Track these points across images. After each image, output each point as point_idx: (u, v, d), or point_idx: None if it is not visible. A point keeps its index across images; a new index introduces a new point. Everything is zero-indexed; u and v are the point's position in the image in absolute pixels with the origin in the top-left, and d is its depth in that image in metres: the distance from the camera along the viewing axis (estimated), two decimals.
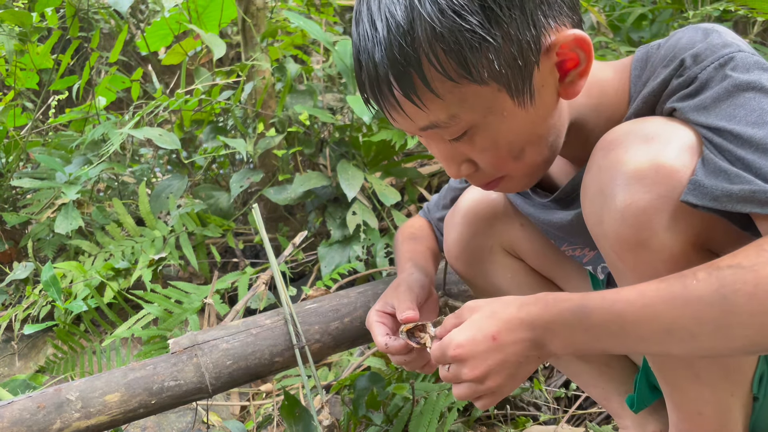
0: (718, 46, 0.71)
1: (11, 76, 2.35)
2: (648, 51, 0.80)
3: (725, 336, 0.61)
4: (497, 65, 0.70)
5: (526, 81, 0.73)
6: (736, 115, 0.66)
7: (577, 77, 0.75)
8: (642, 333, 0.65)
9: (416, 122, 0.75)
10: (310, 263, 2.05)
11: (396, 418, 1.28)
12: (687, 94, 0.71)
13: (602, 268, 0.97)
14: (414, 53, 0.70)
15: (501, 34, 0.69)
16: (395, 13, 0.70)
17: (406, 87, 0.72)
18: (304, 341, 1.14)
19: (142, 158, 2.70)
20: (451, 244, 1.07)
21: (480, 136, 0.76)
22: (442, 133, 0.77)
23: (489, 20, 0.68)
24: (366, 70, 0.74)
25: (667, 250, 0.69)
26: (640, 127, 0.71)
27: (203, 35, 2.01)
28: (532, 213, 0.97)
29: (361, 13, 0.73)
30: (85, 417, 1.01)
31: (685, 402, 0.82)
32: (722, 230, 0.69)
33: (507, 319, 0.73)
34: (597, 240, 0.75)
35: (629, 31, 2.28)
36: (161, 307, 1.60)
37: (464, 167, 0.81)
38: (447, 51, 0.69)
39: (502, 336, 0.72)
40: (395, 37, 0.70)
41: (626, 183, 0.69)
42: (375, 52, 0.72)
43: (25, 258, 2.16)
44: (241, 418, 1.55)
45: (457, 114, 0.73)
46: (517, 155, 0.78)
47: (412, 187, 2.12)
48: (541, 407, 1.39)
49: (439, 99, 0.72)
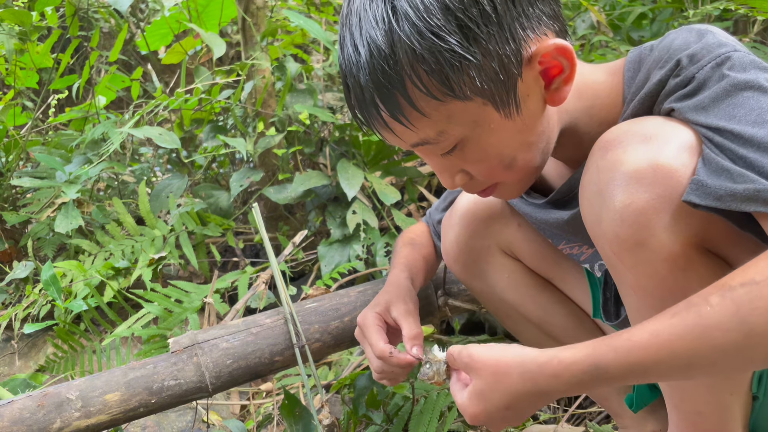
0: (714, 46, 0.71)
1: (11, 75, 2.35)
2: (641, 53, 0.80)
3: (747, 357, 0.60)
4: (479, 82, 0.71)
5: (510, 93, 0.73)
6: (736, 114, 0.66)
7: (562, 84, 0.76)
8: (662, 372, 0.63)
9: (406, 140, 0.77)
10: (310, 262, 2.05)
11: (396, 418, 1.28)
12: (685, 94, 0.71)
13: (599, 266, 0.97)
14: (397, 76, 0.71)
15: (480, 51, 0.70)
16: (376, 38, 0.70)
17: (393, 108, 0.73)
18: (304, 340, 1.14)
19: (142, 157, 2.70)
20: (448, 245, 1.07)
21: (470, 148, 0.77)
22: (433, 149, 0.78)
23: (467, 39, 0.69)
24: (354, 93, 0.75)
25: (666, 250, 0.69)
26: (639, 127, 0.71)
27: (203, 34, 2.01)
28: (529, 213, 0.97)
29: (344, 39, 0.74)
30: (85, 416, 1.01)
31: (684, 401, 0.82)
32: (721, 229, 0.69)
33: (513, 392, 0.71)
34: (595, 240, 0.75)
35: (629, 30, 2.28)
36: (161, 306, 1.60)
37: (458, 177, 0.82)
38: (429, 72, 0.70)
39: (515, 405, 0.71)
40: (378, 61, 0.70)
41: (625, 183, 0.69)
42: (360, 76, 0.73)
43: (25, 257, 2.16)
44: (241, 417, 1.55)
45: (445, 130, 0.74)
46: (509, 164, 0.79)
47: (413, 186, 2.12)
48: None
49: (426, 117, 0.73)
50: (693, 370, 0.62)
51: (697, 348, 0.60)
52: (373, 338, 0.95)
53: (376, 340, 0.94)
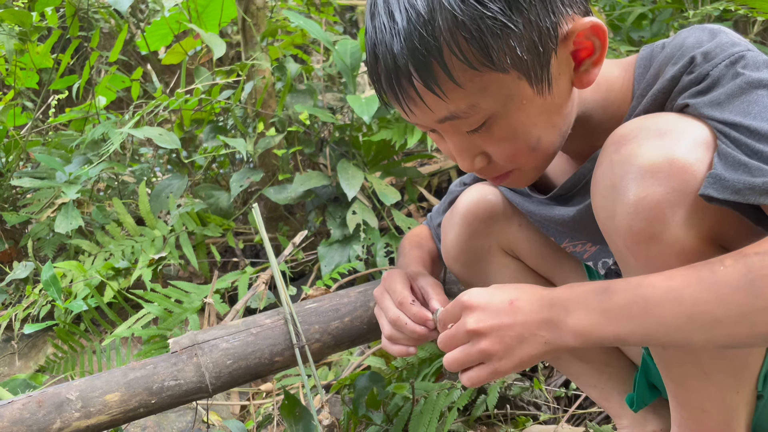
0: (728, 45, 0.72)
1: (11, 76, 2.35)
2: (652, 50, 0.80)
3: (750, 322, 0.61)
4: (519, 52, 0.70)
5: (545, 68, 0.73)
6: (751, 111, 0.67)
7: (591, 66, 0.76)
8: (663, 316, 0.64)
9: (435, 113, 0.75)
10: (310, 263, 2.05)
11: (396, 418, 1.28)
12: (699, 91, 0.72)
13: (602, 264, 0.97)
14: (435, 42, 0.69)
15: (522, 21, 0.69)
16: (414, 3, 0.69)
17: (427, 77, 0.71)
18: (304, 341, 1.14)
19: (142, 158, 2.70)
20: (449, 245, 1.07)
21: (498, 126, 0.76)
22: (460, 125, 0.76)
23: (510, 7, 0.69)
24: (383, 63, 0.73)
25: (680, 244, 0.69)
26: (653, 122, 0.71)
27: (203, 35, 2.01)
28: (533, 210, 0.97)
29: (377, 6, 0.73)
30: (85, 416, 1.01)
31: (690, 399, 0.82)
32: (735, 225, 0.69)
33: (529, 291, 0.74)
34: (608, 235, 0.75)
35: (629, 30, 2.28)
36: (161, 306, 1.60)
37: (478, 159, 0.81)
38: (469, 39, 0.69)
39: (520, 302, 0.73)
40: (415, 27, 0.69)
41: (640, 177, 0.69)
42: (393, 44, 0.71)
43: (25, 257, 2.16)
44: (241, 417, 1.55)
45: (477, 103, 0.73)
46: (534, 145, 0.78)
47: (412, 187, 2.12)
48: (541, 407, 1.39)
49: (460, 88, 0.72)
50: (693, 325, 0.63)
51: (704, 299, 0.62)
52: (399, 285, 0.93)
53: (402, 287, 0.93)
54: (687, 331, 0.64)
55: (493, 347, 0.73)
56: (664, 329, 0.65)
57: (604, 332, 0.68)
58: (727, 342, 0.64)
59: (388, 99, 0.77)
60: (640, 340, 0.68)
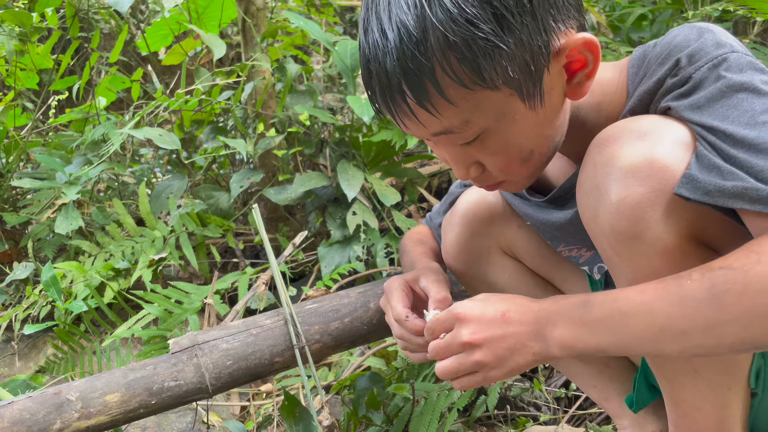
0: (713, 47, 0.72)
1: (11, 76, 2.36)
2: (645, 50, 0.81)
3: (716, 334, 0.63)
4: (510, 71, 0.70)
5: (537, 84, 0.73)
6: (729, 115, 0.68)
7: (584, 78, 0.76)
8: (638, 329, 0.67)
9: (429, 128, 0.76)
10: (310, 263, 2.05)
11: (396, 419, 1.28)
12: (681, 93, 0.73)
13: (598, 269, 0.97)
14: (427, 62, 0.70)
15: (513, 41, 0.69)
16: (407, 23, 0.69)
17: (420, 95, 0.72)
18: (304, 341, 1.14)
19: (142, 158, 2.70)
20: (448, 245, 1.07)
21: (491, 139, 0.77)
22: (455, 139, 0.77)
23: (501, 28, 0.69)
24: (377, 79, 0.74)
25: (662, 243, 0.70)
26: (635, 125, 0.73)
27: (203, 35, 2.01)
28: (530, 213, 0.97)
29: (370, 22, 0.73)
30: (85, 417, 1.01)
31: (683, 398, 0.82)
32: (718, 223, 0.70)
33: (518, 303, 0.76)
34: (593, 235, 0.76)
35: (629, 31, 2.28)
36: (161, 307, 1.60)
37: (473, 169, 0.82)
38: (461, 59, 0.69)
39: (511, 314, 0.75)
40: (408, 46, 0.69)
41: (621, 177, 0.70)
42: (386, 61, 0.71)
43: (26, 258, 2.16)
44: (241, 418, 1.55)
45: (470, 119, 0.74)
46: (526, 157, 0.79)
47: (412, 188, 2.12)
48: (541, 407, 1.39)
49: (453, 106, 0.72)
50: (664, 337, 0.66)
51: (673, 312, 0.65)
52: (394, 300, 0.95)
53: (396, 302, 0.94)
54: (660, 342, 0.66)
55: (486, 358, 0.76)
56: (639, 341, 0.68)
57: (586, 344, 0.71)
58: (698, 352, 0.66)
59: (383, 111, 0.78)
60: (620, 350, 0.71)
